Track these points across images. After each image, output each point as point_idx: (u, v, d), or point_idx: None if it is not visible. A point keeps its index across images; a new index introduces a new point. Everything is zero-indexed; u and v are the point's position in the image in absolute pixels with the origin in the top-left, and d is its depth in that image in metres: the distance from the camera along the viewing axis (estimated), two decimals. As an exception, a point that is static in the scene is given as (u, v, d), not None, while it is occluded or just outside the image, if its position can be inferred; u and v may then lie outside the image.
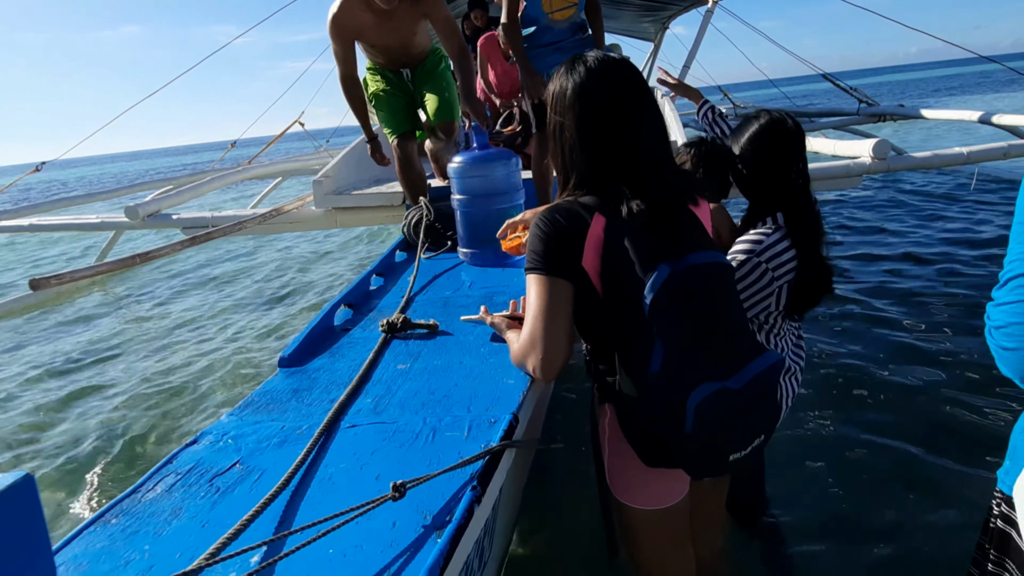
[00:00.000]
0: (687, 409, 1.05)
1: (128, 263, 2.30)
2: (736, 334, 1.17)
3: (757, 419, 1.16)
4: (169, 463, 1.24)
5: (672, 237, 1.18)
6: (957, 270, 4.19)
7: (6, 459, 3.01)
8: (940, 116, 5.27)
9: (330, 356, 1.83)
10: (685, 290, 1.11)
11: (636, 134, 1.21)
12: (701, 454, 1.09)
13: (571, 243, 1.19)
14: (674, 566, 1.38)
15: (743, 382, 1.09)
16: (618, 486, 1.30)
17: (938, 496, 2.13)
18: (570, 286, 1.21)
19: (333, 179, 3.71)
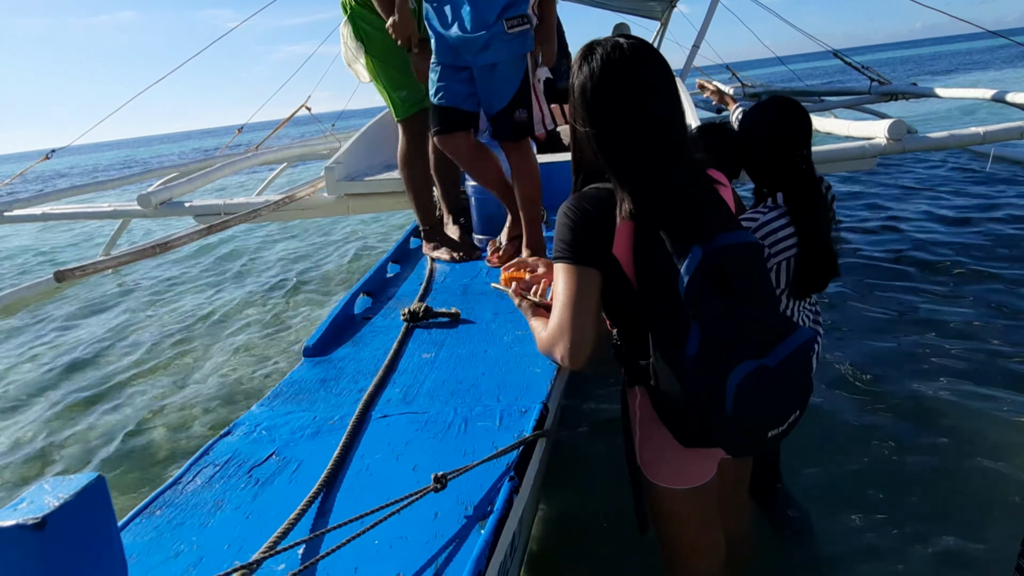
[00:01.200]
0: (727, 389, 1.07)
1: (148, 253, 2.32)
2: (769, 312, 1.19)
3: (793, 395, 1.18)
4: (206, 454, 1.27)
5: (701, 220, 1.18)
6: (975, 247, 4.18)
7: (35, 452, 3.05)
8: (954, 95, 5.22)
9: (353, 345, 1.85)
10: (719, 271, 1.12)
11: (654, 127, 1.19)
12: (741, 432, 1.12)
13: (600, 231, 1.19)
14: (704, 543, 1.40)
15: (779, 359, 1.11)
16: (649, 466, 1.32)
17: (972, 482, 2.11)
18: (598, 274, 1.22)
19: (345, 165, 3.70)
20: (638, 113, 1.18)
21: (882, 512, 2.03)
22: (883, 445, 2.37)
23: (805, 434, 2.00)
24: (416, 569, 0.86)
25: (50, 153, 5.01)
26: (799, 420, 1.19)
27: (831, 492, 2.15)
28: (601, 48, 1.20)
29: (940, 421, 2.46)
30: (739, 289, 1.13)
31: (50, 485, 0.59)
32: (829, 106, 6.86)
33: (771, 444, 1.17)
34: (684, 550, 1.41)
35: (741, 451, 1.19)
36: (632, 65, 1.18)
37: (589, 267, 1.21)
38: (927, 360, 2.93)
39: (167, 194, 3.87)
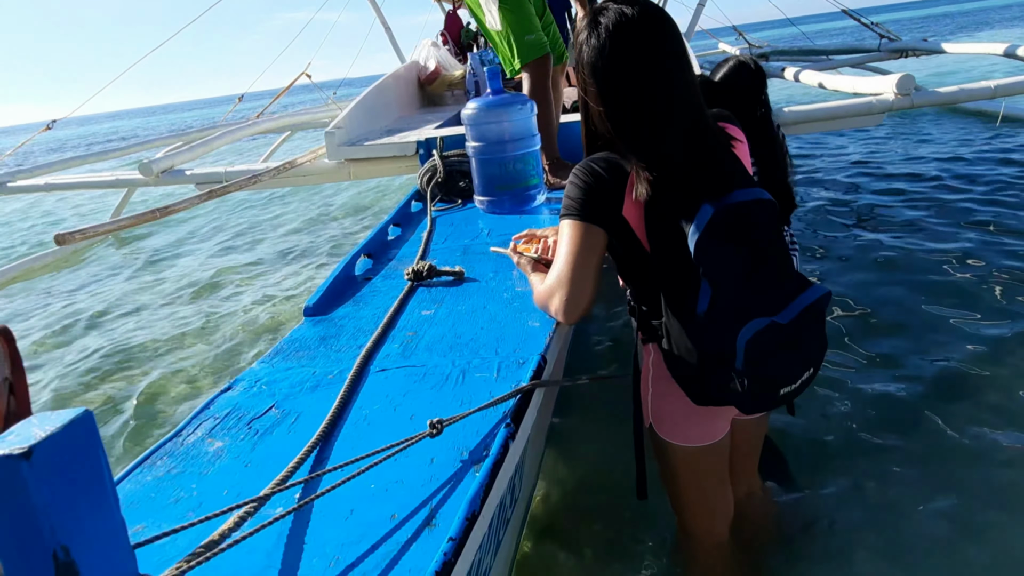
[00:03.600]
0: (737, 346, 1.07)
1: (148, 217, 2.32)
2: (782, 269, 1.17)
3: (806, 352, 1.17)
4: (207, 408, 1.28)
5: (714, 178, 1.17)
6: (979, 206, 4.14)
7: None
8: (964, 50, 5.11)
9: (354, 304, 1.85)
10: (729, 228, 1.10)
11: (670, 95, 1.17)
12: (753, 390, 1.11)
13: (610, 192, 1.18)
14: (714, 503, 1.42)
15: (791, 316, 1.10)
16: (661, 425, 1.32)
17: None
18: (604, 234, 1.22)
19: (345, 130, 3.67)
20: (652, 83, 1.15)
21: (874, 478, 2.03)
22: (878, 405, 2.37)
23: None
24: (410, 510, 0.86)
25: (51, 124, 4.99)
26: (813, 378, 1.19)
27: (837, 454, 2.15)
28: (606, 17, 1.16)
29: (951, 385, 2.44)
30: (750, 246, 1.12)
31: (37, 419, 0.59)
32: (837, 64, 6.72)
33: (784, 402, 1.17)
34: (692, 508, 1.42)
35: (753, 408, 1.19)
36: (641, 32, 1.15)
37: (595, 225, 1.21)
38: (934, 318, 2.91)
39: (168, 162, 3.85)
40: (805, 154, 6.40)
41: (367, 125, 4.06)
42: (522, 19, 2.86)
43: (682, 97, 1.17)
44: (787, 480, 2.02)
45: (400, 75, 5.21)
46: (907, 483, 1.97)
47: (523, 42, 2.87)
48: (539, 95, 2.89)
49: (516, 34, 2.87)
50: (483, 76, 5.16)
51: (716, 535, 1.47)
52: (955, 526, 1.78)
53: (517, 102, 2.61)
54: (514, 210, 2.64)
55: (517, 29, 2.86)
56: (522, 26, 2.86)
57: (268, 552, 0.82)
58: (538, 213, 2.63)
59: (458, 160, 3.01)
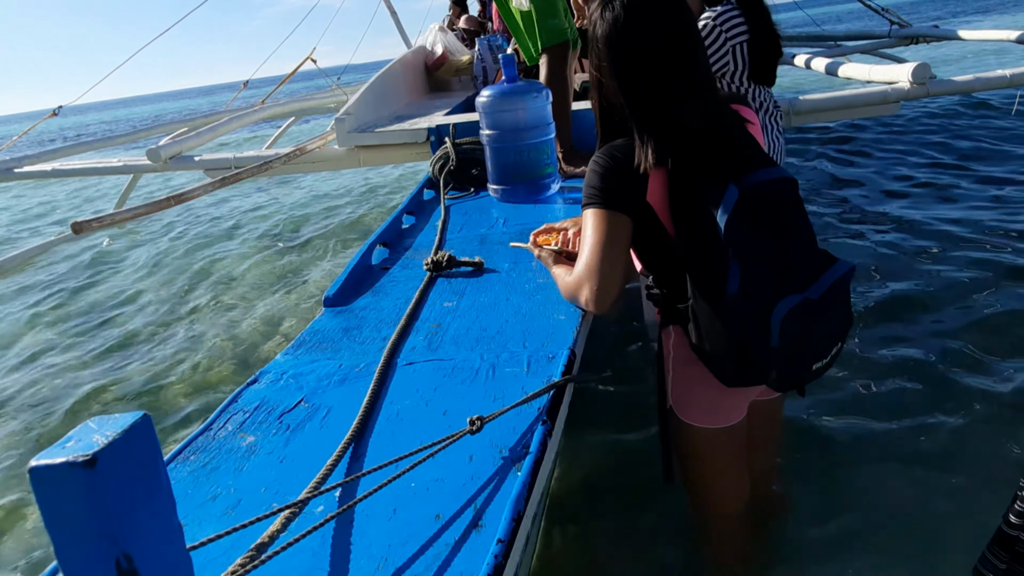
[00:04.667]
0: (772, 324, 1.07)
1: (164, 205, 2.30)
2: (808, 246, 1.18)
3: (835, 327, 1.18)
4: (234, 401, 1.27)
5: (733, 158, 1.17)
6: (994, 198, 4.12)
7: (65, 407, 3.09)
8: (977, 37, 5.04)
9: (373, 295, 1.84)
10: (757, 208, 1.11)
11: (685, 80, 1.18)
12: (787, 367, 1.13)
13: (632, 179, 1.18)
14: (729, 484, 1.42)
15: (821, 291, 1.11)
16: (682, 405, 1.32)
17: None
18: (629, 221, 1.22)
19: (355, 116, 3.64)
20: (668, 55, 1.16)
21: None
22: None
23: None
24: (455, 510, 0.86)
25: (57, 110, 4.95)
26: (840, 351, 1.20)
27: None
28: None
29: (967, 365, 2.44)
30: (776, 225, 1.13)
31: (96, 424, 0.58)
32: (846, 51, 6.64)
33: (815, 376, 1.18)
34: (709, 488, 1.43)
35: (786, 385, 1.21)
36: (656, 6, 1.16)
37: (619, 212, 1.21)
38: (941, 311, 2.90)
39: (176, 148, 3.82)
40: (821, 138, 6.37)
41: (376, 111, 4.02)
42: (549, 2, 2.84)
43: (696, 71, 1.19)
44: (800, 462, 2.03)
45: (408, 61, 5.17)
46: (924, 464, 1.97)
47: (546, 25, 2.84)
48: (556, 82, 2.87)
49: (540, 17, 2.84)
50: (490, 62, 5.13)
51: (731, 516, 1.48)
52: (966, 504, 1.78)
53: (533, 90, 2.58)
54: (528, 199, 2.62)
55: (543, 11, 2.84)
56: (548, 9, 2.84)
57: (314, 552, 0.81)
58: (553, 202, 2.61)
59: (470, 148, 2.99)
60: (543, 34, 2.86)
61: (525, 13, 2.87)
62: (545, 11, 2.84)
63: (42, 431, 2.88)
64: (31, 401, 3.16)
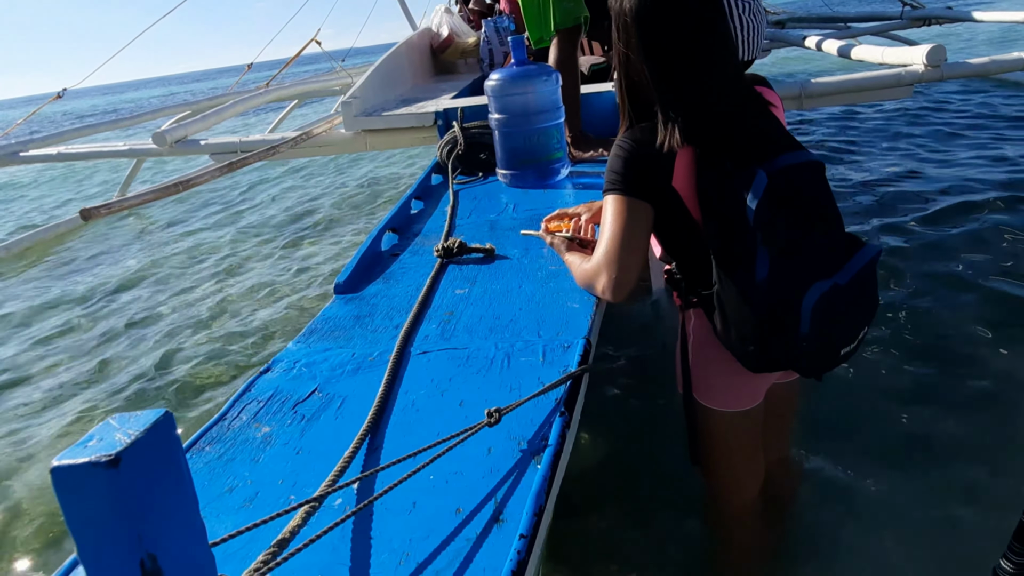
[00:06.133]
0: (802, 310, 1.06)
1: (172, 191, 2.29)
2: (835, 230, 1.17)
3: (863, 311, 1.18)
4: (248, 391, 1.26)
5: (760, 142, 1.16)
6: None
7: (64, 394, 3.10)
8: (993, 18, 4.95)
9: (384, 282, 1.82)
10: (785, 193, 1.09)
11: (713, 57, 1.16)
12: (816, 352, 1.12)
13: (656, 165, 1.16)
14: (747, 467, 1.42)
15: (849, 276, 1.10)
16: (701, 389, 1.32)
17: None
18: (650, 209, 1.20)
19: (361, 100, 3.61)
20: (695, 32, 1.14)
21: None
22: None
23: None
24: (476, 504, 0.85)
25: (61, 92, 4.93)
26: (866, 335, 1.20)
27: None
28: None
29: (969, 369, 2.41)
30: (805, 209, 1.11)
31: (117, 422, 0.57)
32: (856, 33, 6.56)
33: (843, 361, 1.18)
34: (725, 472, 1.43)
35: (815, 371, 1.20)
36: None
37: (641, 200, 1.19)
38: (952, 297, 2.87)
39: (182, 132, 3.80)
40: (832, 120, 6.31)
41: (382, 94, 3.99)
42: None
43: (725, 51, 1.17)
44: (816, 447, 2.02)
45: (413, 43, 5.11)
46: (943, 454, 1.96)
47: (561, 7, 2.78)
48: (566, 65, 2.83)
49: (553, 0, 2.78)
50: (497, 44, 5.07)
51: (746, 500, 1.48)
52: (986, 496, 1.78)
53: (543, 73, 2.55)
54: (538, 184, 2.60)
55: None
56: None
57: (335, 547, 0.81)
58: (562, 187, 2.59)
59: (479, 132, 2.96)
60: (557, 16, 2.80)
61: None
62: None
63: (57, 417, 2.89)
64: (46, 384, 3.17)
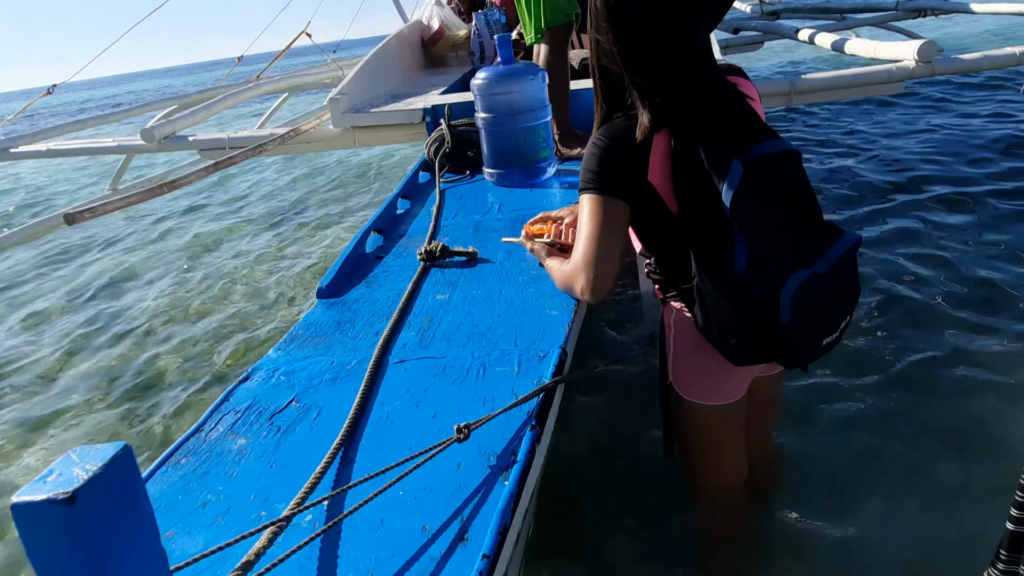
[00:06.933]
0: (781, 300, 1.07)
1: (156, 192, 2.29)
2: (814, 220, 1.18)
3: (844, 301, 1.19)
4: (226, 400, 1.27)
5: (735, 132, 1.16)
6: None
7: (47, 396, 3.11)
8: (991, 9, 4.93)
9: (367, 286, 1.83)
10: (762, 182, 1.10)
11: (681, 41, 1.17)
12: (798, 343, 1.12)
13: (632, 159, 1.17)
14: (730, 460, 1.44)
15: (828, 265, 1.11)
16: (682, 382, 1.33)
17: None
18: (627, 207, 1.21)
19: (350, 96, 3.59)
20: (662, 19, 1.14)
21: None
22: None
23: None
24: (442, 521, 0.87)
25: (51, 88, 4.90)
26: (848, 325, 1.20)
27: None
28: None
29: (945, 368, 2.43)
30: (782, 199, 1.12)
31: (78, 455, 0.58)
32: (852, 24, 6.53)
33: (825, 351, 1.18)
34: (708, 465, 1.44)
35: (797, 362, 1.20)
36: None
37: (617, 198, 1.20)
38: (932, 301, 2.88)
39: (170, 128, 3.78)
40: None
41: (372, 89, 3.97)
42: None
43: (695, 42, 1.17)
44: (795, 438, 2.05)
45: (403, 36, 5.09)
46: (921, 446, 1.99)
47: (552, 4, 2.76)
48: (557, 62, 2.83)
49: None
50: (487, 37, 5.04)
51: (730, 493, 1.50)
52: (968, 488, 1.80)
53: (528, 72, 2.55)
54: (524, 183, 2.61)
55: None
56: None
57: (301, 566, 0.82)
58: (548, 186, 2.59)
59: (466, 129, 2.96)
60: (548, 13, 2.79)
61: None
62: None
63: (31, 416, 2.89)
64: (16, 384, 3.17)
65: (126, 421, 2.75)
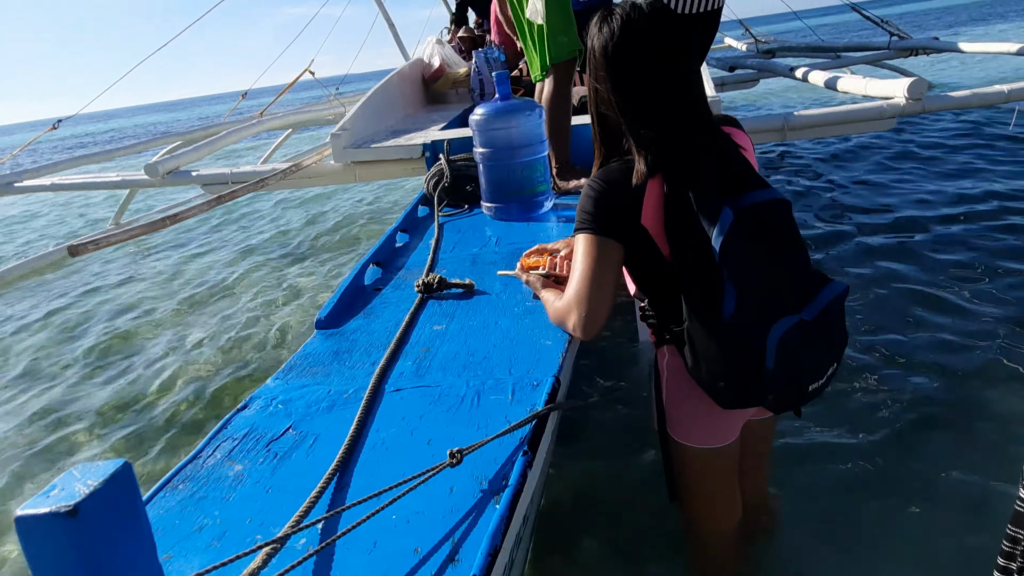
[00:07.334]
0: (768, 345, 1.09)
1: (159, 225, 2.33)
2: (802, 267, 1.20)
3: (831, 347, 1.20)
4: (224, 428, 1.29)
5: (726, 179, 1.20)
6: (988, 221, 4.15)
7: (50, 423, 3.12)
8: (978, 49, 5.06)
9: (365, 317, 1.86)
10: (752, 229, 1.13)
11: (676, 91, 1.22)
12: (784, 388, 1.14)
13: (627, 202, 1.21)
14: (723, 503, 1.44)
15: (816, 312, 1.13)
16: (675, 427, 1.35)
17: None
18: (620, 248, 1.24)
19: (351, 132, 3.67)
20: (657, 71, 1.20)
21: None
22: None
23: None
24: (433, 544, 0.88)
25: (57, 123, 5.00)
26: (836, 372, 1.22)
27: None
28: (620, 9, 1.23)
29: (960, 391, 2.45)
30: (771, 246, 1.15)
31: (79, 472, 0.61)
32: (846, 63, 6.67)
33: (812, 398, 1.19)
34: (702, 508, 1.45)
35: (783, 407, 1.22)
36: (650, 25, 1.21)
37: (610, 239, 1.24)
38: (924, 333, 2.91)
39: (174, 163, 3.86)
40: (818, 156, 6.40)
41: (373, 125, 4.06)
42: (563, 18, 2.86)
43: (688, 91, 1.22)
44: (790, 481, 2.05)
45: (405, 74, 5.21)
46: (914, 489, 1.99)
47: (556, 41, 2.86)
48: (559, 97, 2.91)
49: (551, 32, 2.86)
50: (487, 74, 5.16)
51: (724, 535, 1.50)
52: (962, 535, 1.80)
53: (525, 108, 2.61)
54: (522, 217, 2.65)
55: (554, 27, 2.85)
56: (561, 25, 2.85)
57: (295, 588, 0.83)
58: (546, 220, 2.64)
59: (465, 164, 3.02)
60: (552, 49, 2.88)
61: (538, 27, 2.88)
62: (557, 27, 2.86)
63: (29, 451, 2.89)
64: (16, 415, 3.18)
65: (125, 450, 2.76)
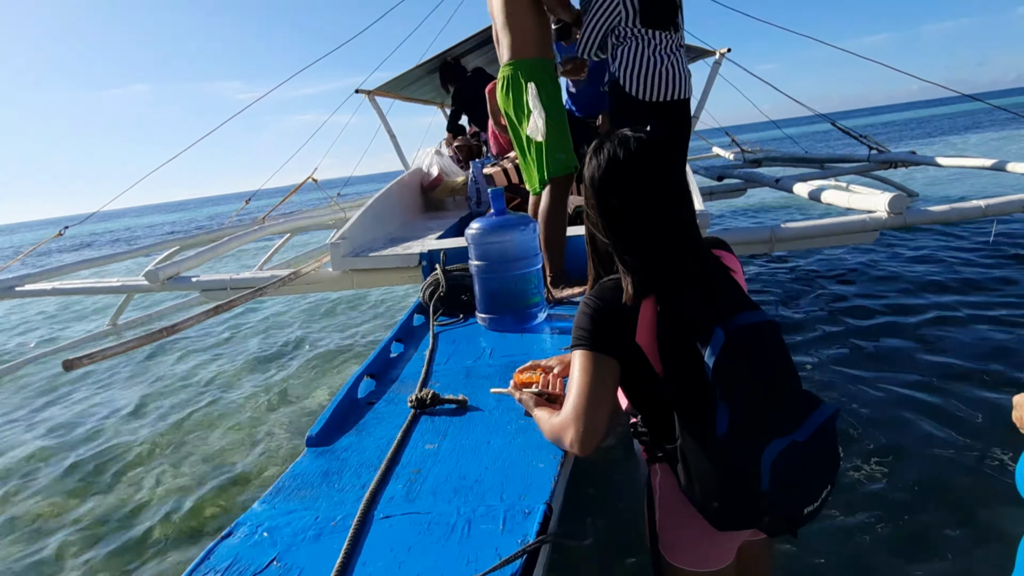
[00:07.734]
0: (761, 467, 1.08)
1: (156, 336, 2.34)
2: (794, 389, 1.21)
3: (824, 469, 1.19)
4: (207, 559, 1.25)
5: (718, 302, 1.22)
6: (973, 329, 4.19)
7: (37, 539, 3.00)
8: (955, 164, 5.29)
9: (357, 434, 1.84)
10: (743, 350, 1.14)
11: (665, 217, 1.27)
12: (778, 511, 1.12)
13: (622, 320, 1.23)
14: None
15: (808, 434, 1.12)
16: (669, 547, 1.31)
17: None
18: (616, 364, 1.25)
19: (349, 240, 3.75)
20: (644, 203, 1.25)
21: None
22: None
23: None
24: None
25: (63, 229, 5.12)
26: (830, 495, 1.20)
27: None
28: (610, 142, 1.29)
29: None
30: (762, 367, 1.16)
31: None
32: (831, 173, 6.93)
33: (807, 521, 1.17)
34: None
35: (778, 530, 1.19)
36: (638, 158, 1.26)
37: (607, 356, 1.25)
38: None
39: (174, 269, 3.92)
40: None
41: (371, 232, 4.16)
42: (561, 136, 2.98)
43: (677, 219, 1.27)
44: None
45: (404, 182, 5.39)
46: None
47: (555, 158, 2.97)
48: (555, 211, 3.01)
49: (550, 150, 2.97)
50: (484, 184, 5.35)
51: None
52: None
53: (520, 223, 2.69)
54: (516, 328, 2.67)
55: (553, 145, 2.97)
56: (559, 143, 2.98)
57: None
58: (540, 331, 2.65)
59: (460, 274, 3.07)
60: (550, 165, 3.00)
61: (536, 144, 3.00)
62: (555, 145, 2.98)
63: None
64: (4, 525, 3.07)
65: (107, 571, 2.64)
